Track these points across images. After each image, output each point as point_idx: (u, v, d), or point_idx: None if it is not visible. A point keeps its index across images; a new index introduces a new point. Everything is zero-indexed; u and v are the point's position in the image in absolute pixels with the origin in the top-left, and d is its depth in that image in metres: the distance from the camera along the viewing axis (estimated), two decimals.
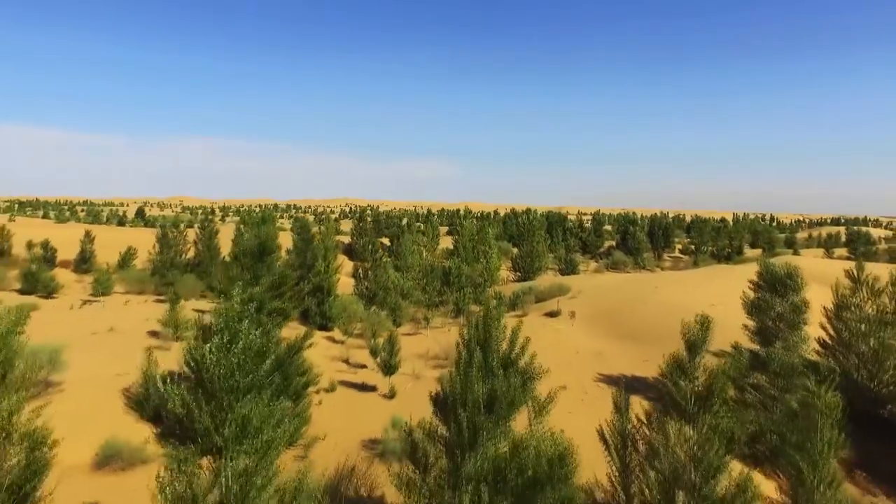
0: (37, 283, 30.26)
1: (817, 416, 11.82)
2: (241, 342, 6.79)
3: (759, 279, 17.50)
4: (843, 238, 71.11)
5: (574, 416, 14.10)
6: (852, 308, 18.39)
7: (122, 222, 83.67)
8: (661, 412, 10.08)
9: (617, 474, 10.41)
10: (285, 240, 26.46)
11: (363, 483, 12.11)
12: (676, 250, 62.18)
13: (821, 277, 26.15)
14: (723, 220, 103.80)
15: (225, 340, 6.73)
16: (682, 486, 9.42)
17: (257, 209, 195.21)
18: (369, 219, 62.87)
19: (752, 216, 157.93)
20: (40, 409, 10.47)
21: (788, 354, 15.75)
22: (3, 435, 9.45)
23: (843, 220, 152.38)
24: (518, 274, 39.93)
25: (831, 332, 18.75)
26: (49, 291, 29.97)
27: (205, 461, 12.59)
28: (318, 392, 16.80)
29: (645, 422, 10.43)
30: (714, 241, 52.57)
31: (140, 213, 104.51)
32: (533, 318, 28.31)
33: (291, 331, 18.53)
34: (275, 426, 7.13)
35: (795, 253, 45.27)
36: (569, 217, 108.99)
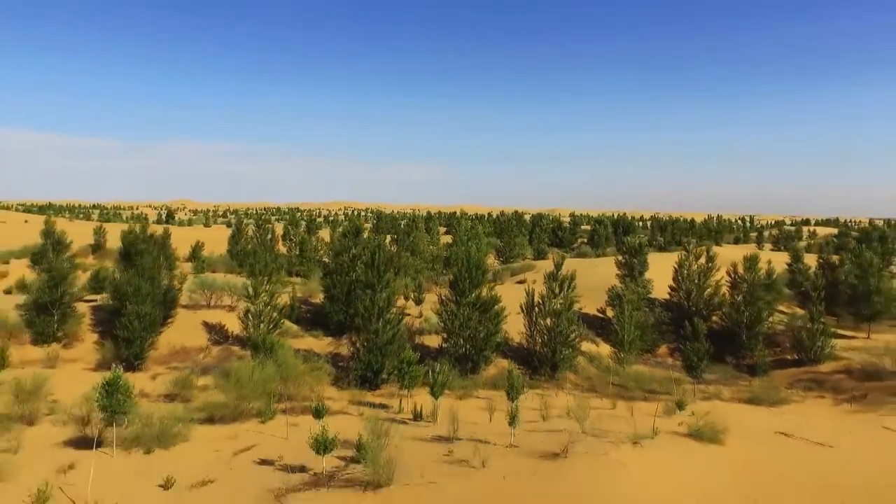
0: None
1: (626, 304, 26.14)
2: (384, 252, 20.49)
3: (624, 248, 31.54)
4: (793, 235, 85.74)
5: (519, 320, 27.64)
6: (685, 265, 32.44)
7: (159, 222, 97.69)
8: (547, 295, 24.37)
9: (526, 324, 24.68)
10: (325, 234, 40.31)
11: (416, 335, 25.99)
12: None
13: (725, 258, 39.55)
14: (692, 220, 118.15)
15: (380, 252, 20.39)
16: (556, 328, 23.56)
17: (263, 212, 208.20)
18: (385, 218, 76.68)
19: (726, 217, 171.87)
20: (277, 295, 25.19)
21: (634, 288, 29.74)
22: (270, 301, 24.03)
23: (812, 221, 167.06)
24: (501, 259, 53.92)
25: (675, 280, 32.79)
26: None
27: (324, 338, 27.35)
28: None
29: (539, 301, 24.67)
30: (662, 237, 67.12)
31: (170, 215, 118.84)
32: (508, 284, 42.23)
33: None
34: (395, 284, 21.04)
35: (717, 244, 59.48)
36: (559, 218, 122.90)
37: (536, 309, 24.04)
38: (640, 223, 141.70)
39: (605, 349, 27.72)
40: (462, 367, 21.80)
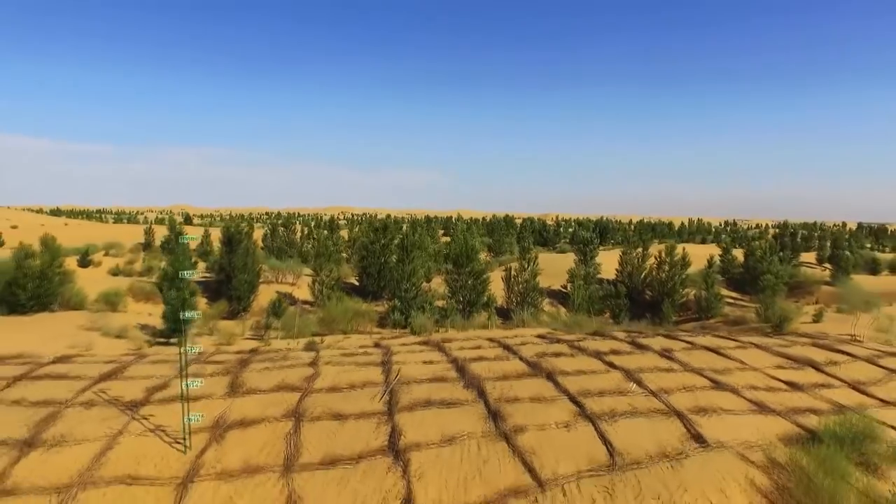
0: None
1: (575, 278, 38.27)
2: (412, 236, 31.79)
3: (578, 241, 43.19)
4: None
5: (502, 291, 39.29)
6: (626, 254, 44.12)
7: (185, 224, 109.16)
8: (520, 268, 36.43)
9: (506, 289, 36.80)
10: (344, 233, 52.07)
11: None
12: (611, 244, 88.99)
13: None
14: (670, 223, 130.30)
15: (408, 238, 31.60)
16: (525, 291, 35.61)
17: (265, 216, 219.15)
18: (391, 222, 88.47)
19: (707, 221, 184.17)
20: (332, 270, 37.17)
21: (586, 269, 41.42)
22: (329, 274, 35.92)
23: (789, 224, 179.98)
24: (492, 254, 65.61)
25: (621, 262, 44.48)
26: None
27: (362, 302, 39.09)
28: None
29: (514, 274, 36.80)
30: (631, 238, 79.23)
31: (188, 219, 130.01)
32: (496, 272, 53.88)
33: None
34: (418, 260, 32.58)
35: (676, 243, 71.71)
36: (546, 222, 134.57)
37: (511, 280, 35.58)
38: (629, 225, 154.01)
39: (563, 312, 39.31)
40: (461, 316, 33.21)
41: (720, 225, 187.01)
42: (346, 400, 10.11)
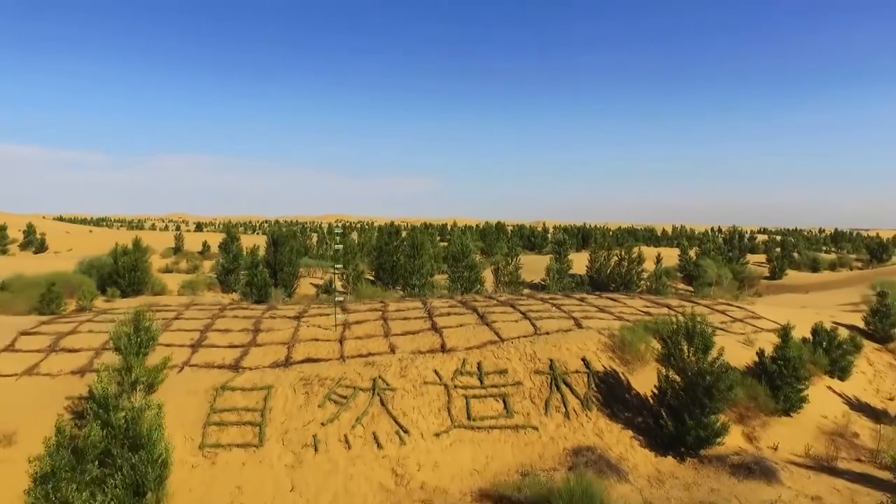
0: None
1: (551, 272, 48.74)
2: (417, 240, 41.62)
3: (553, 245, 53.40)
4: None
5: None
6: (594, 253, 54.32)
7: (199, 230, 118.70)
8: (506, 260, 46.86)
9: (494, 280, 47.15)
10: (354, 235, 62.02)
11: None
12: (592, 247, 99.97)
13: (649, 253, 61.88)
14: (653, 229, 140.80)
15: (416, 239, 41.44)
16: (508, 279, 45.92)
17: (265, 224, 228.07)
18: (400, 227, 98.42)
19: (690, 227, 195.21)
20: (357, 265, 47.57)
21: (559, 265, 51.67)
22: (354, 269, 46.27)
23: (773, 230, 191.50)
24: (484, 256, 75.87)
25: (591, 260, 54.66)
26: None
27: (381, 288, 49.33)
28: None
29: (502, 266, 47.30)
30: (606, 242, 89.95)
31: (199, 227, 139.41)
32: (488, 270, 63.99)
33: None
34: (425, 256, 42.56)
35: (646, 244, 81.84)
36: (536, 229, 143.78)
37: (499, 272, 45.58)
38: (616, 231, 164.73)
39: None
40: None
41: (706, 231, 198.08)
42: (407, 313, 20.07)
